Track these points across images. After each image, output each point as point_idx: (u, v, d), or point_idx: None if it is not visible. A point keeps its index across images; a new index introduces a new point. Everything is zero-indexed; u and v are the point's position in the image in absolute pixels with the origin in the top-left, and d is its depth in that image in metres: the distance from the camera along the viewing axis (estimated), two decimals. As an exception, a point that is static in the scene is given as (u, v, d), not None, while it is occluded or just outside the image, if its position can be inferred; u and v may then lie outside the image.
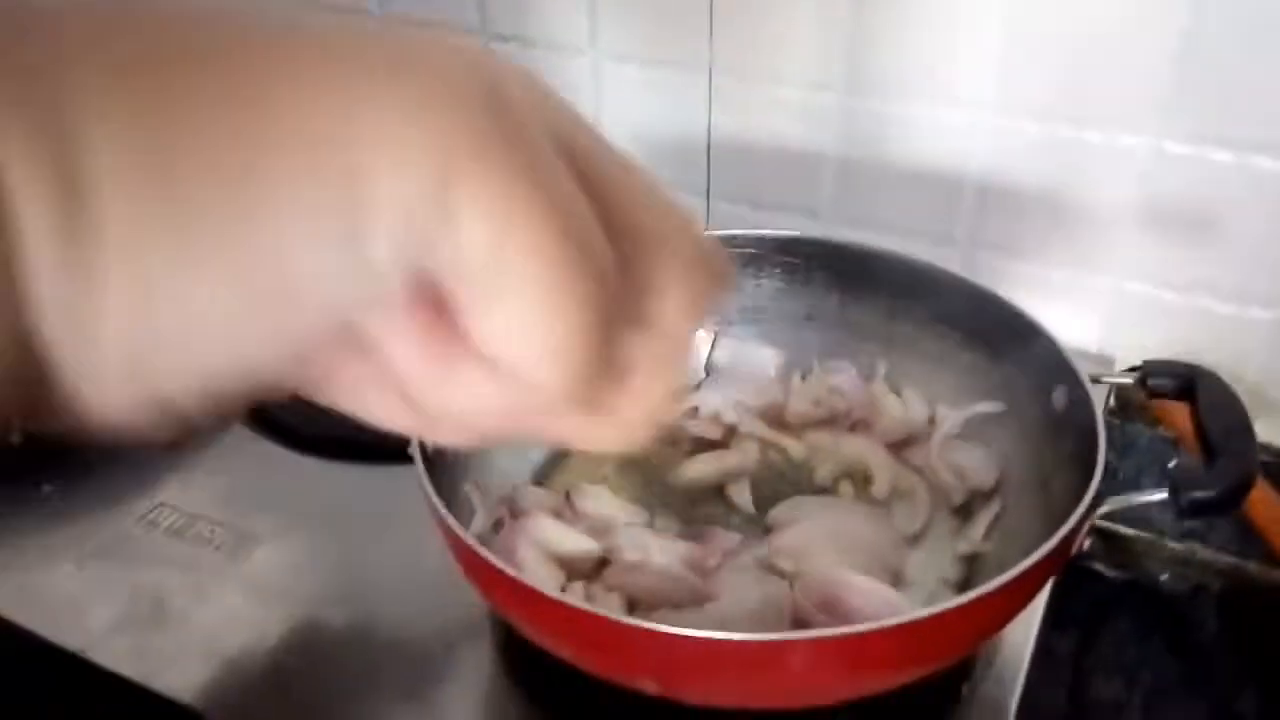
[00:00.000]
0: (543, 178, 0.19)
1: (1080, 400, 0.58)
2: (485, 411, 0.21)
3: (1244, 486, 0.51)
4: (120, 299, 0.16)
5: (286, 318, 0.18)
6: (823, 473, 0.69)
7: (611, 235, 0.21)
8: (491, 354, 0.20)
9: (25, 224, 0.16)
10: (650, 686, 0.50)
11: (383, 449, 0.73)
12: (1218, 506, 0.51)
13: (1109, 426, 0.80)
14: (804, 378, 0.74)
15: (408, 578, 0.67)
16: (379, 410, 0.23)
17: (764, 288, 0.75)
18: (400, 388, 0.21)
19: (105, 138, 0.16)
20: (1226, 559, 0.80)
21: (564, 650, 0.51)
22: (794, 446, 0.71)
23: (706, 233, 0.25)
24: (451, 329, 0.20)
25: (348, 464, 0.75)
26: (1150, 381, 0.60)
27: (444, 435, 0.24)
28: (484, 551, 0.49)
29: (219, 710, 0.59)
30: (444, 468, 0.58)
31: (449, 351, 0.20)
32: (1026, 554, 0.49)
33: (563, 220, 0.19)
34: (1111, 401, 0.79)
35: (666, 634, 0.46)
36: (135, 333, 0.17)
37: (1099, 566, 0.82)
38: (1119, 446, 0.82)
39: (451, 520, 0.51)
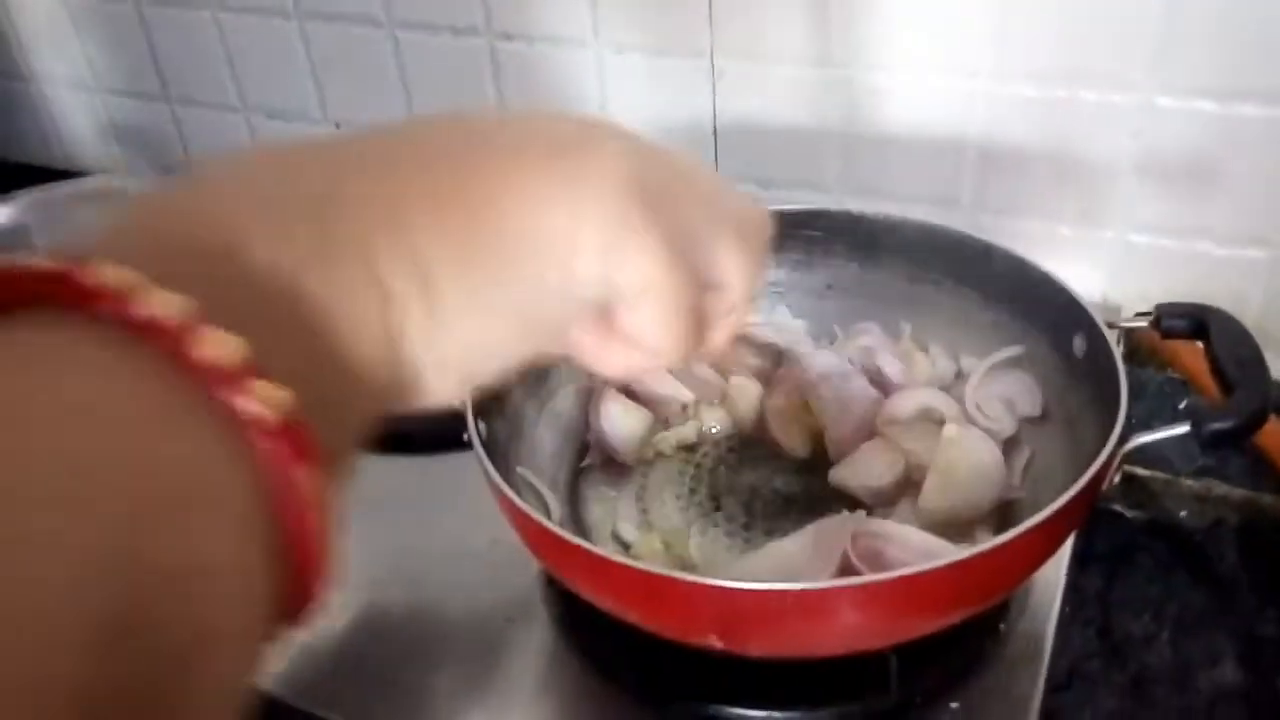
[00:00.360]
0: (663, 230, 0.32)
1: (1099, 345, 0.61)
2: (630, 369, 0.36)
3: (1261, 415, 0.54)
4: (456, 333, 0.29)
5: (541, 332, 0.31)
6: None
7: (696, 233, 0.33)
8: (636, 339, 0.34)
9: (403, 302, 0.27)
10: (715, 642, 0.52)
11: (425, 441, 0.76)
12: (1237, 435, 0.54)
13: (1121, 372, 0.84)
14: (831, 344, 0.76)
15: (462, 558, 0.70)
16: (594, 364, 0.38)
17: (784, 262, 0.78)
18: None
19: (437, 249, 0.28)
20: (1242, 492, 0.83)
21: (631, 613, 0.54)
22: None
23: (760, 207, 0.38)
24: (612, 327, 0.34)
25: (394, 456, 0.77)
26: (1165, 323, 0.62)
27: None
28: (551, 525, 0.52)
29: (298, 694, 0.62)
30: (498, 454, 0.60)
31: (611, 338, 0.34)
32: (1059, 495, 0.51)
33: (677, 259, 0.32)
34: (1121, 347, 0.81)
35: (728, 588, 0.49)
36: (465, 351, 0.29)
37: (1120, 508, 0.85)
38: (1131, 390, 0.85)
39: (516, 498, 0.54)
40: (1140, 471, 0.85)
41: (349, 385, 0.26)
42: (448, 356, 0.29)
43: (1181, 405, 0.85)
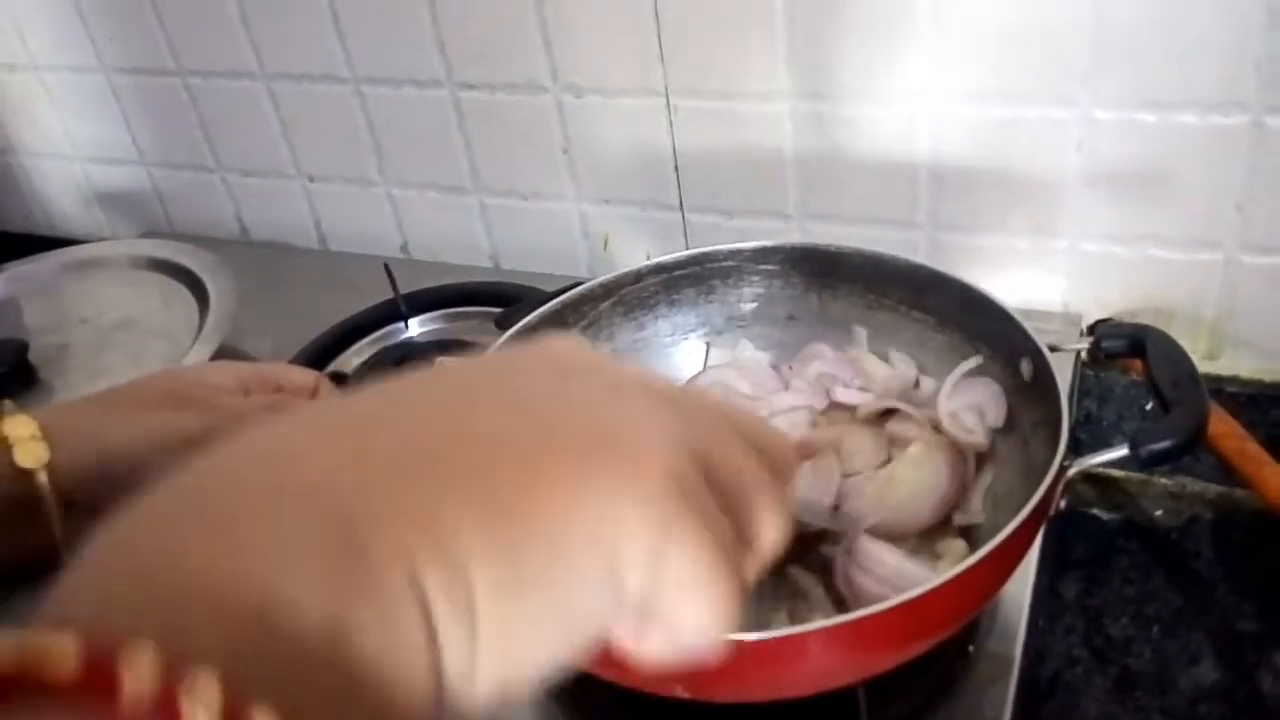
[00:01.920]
0: (707, 526, 0.30)
1: (1043, 369, 0.62)
2: (667, 658, 0.32)
3: (1197, 432, 0.55)
4: (496, 656, 0.27)
5: (580, 639, 0.29)
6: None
7: (737, 503, 0.32)
8: (681, 631, 0.31)
9: (448, 635, 0.26)
10: (680, 692, 0.54)
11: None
12: (1175, 454, 0.55)
13: (1085, 379, 0.85)
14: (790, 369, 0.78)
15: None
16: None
17: (746, 296, 0.79)
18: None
19: (482, 572, 0.26)
20: (1216, 488, 0.84)
21: (596, 667, 0.56)
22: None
23: (782, 438, 0.37)
24: (647, 617, 0.31)
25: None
26: (1104, 344, 0.64)
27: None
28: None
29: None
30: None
31: (647, 627, 0.31)
32: (1014, 515, 0.53)
33: (721, 548, 0.30)
34: (1085, 355, 0.83)
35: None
36: (504, 671, 0.27)
37: (1096, 511, 0.86)
38: (1098, 395, 0.87)
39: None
40: (1115, 473, 0.87)
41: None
42: (485, 679, 0.27)
43: (1149, 406, 0.87)
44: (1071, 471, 0.56)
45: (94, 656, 0.19)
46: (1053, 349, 0.62)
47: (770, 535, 0.34)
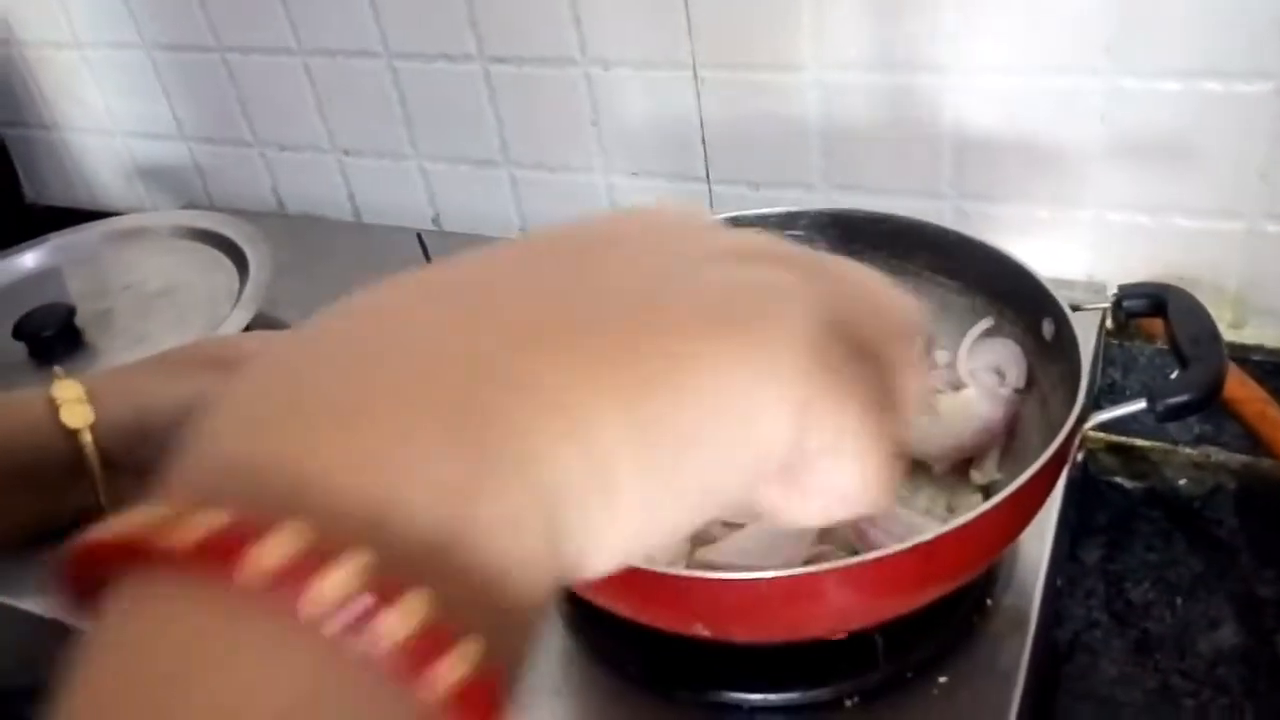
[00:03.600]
0: (848, 388, 0.29)
1: (1065, 328, 0.63)
2: (828, 518, 0.32)
3: (1214, 387, 0.56)
4: (629, 523, 0.26)
5: (718, 503, 0.29)
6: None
7: (871, 360, 0.31)
8: (836, 495, 0.31)
9: (579, 505, 0.25)
10: (703, 631, 0.56)
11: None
12: (1192, 408, 0.56)
13: (1108, 347, 0.86)
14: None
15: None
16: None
17: (770, 262, 0.80)
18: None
19: (616, 436, 0.25)
20: (1240, 458, 0.85)
21: (622, 607, 0.57)
22: None
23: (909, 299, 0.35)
24: (798, 479, 0.30)
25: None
26: (1126, 304, 0.65)
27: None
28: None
29: None
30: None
31: (799, 490, 0.31)
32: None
33: (867, 410, 0.29)
34: (1109, 324, 0.84)
35: (711, 580, 0.52)
36: (636, 538, 0.27)
37: (1119, 479, 0.87)
38: (1122, 364, 0.87)
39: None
40: (1139, 442, 0.87)
41: (517, 615, 0.24)
42: (616, 545, 0.26)
43: (1173, 375, 0.87)
44: (1089, 424, 0.57)
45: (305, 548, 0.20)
46: (1075, 308, 0.63)
47: (913, 389, 0.32)
